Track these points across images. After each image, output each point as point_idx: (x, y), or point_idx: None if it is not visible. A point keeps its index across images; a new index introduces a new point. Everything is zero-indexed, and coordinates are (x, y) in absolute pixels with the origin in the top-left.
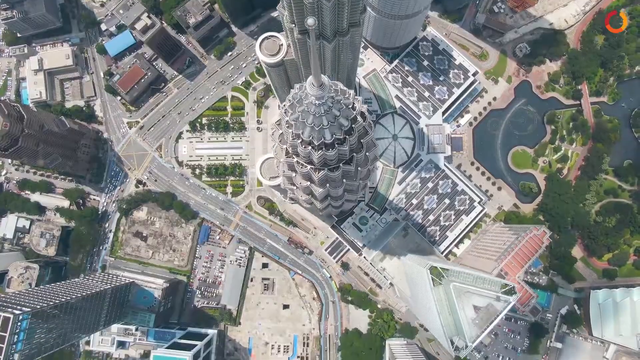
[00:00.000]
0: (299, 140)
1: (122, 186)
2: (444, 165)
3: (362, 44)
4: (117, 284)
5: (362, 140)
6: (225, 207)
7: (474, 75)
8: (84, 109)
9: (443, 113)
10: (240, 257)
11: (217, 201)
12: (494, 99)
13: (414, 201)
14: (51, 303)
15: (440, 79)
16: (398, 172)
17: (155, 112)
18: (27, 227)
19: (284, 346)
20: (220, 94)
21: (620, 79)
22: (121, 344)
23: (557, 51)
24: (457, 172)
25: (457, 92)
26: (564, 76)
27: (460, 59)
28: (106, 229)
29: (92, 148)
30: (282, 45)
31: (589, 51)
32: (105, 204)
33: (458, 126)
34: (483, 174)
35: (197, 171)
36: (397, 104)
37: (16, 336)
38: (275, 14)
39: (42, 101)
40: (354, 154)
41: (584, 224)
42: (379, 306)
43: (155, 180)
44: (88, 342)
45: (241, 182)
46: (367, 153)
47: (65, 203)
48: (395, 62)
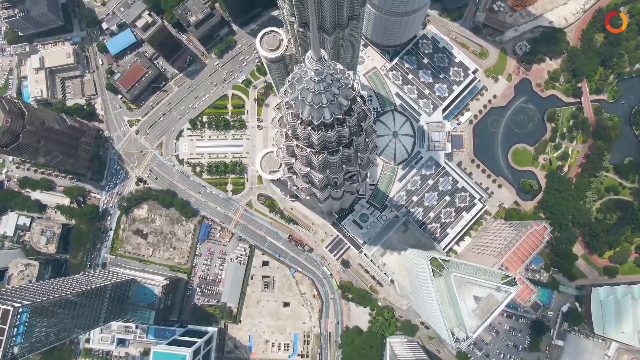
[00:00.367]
0: (298, 121)
1: (122, 184)
2: (445, 162)
3: (363, 42)
4: (117, 280)
5: (361, 124)
6: (226, 205)
7: (474, 72)
8: (84, 107)
9: (443, 110)
10: (241, 254)
11: (218, 199)
12: (494, 96)
13: (415, 198)
14: (51, 297)
15: (441, 76)
16: (398, 169)
17: (156, 110)
18: (28, 224)
19: (284, 344)
20: (221, 92)
21: (620, 76)
22: (121, 342)
23: (557, 49)
24: (458, 170)
25: (457, 89)
26: (564, 74)
27: (460, 56)
28: (107, 226)
29: (93, 146)
30: (282, 40)
31: (589, 49)
32: (105, 201)
33: (458, 124)
34: (483, 171)
35: (198, 169)
36: (398, 102)
37: (16, 329)
38: (276, 12)
39: (43, 99)
40: (354, 137)
41: (584, 222)
42: (380, 304)
43: (156, 178)
44: (88, 340)
45: (242, 180)
46: (366, 139)
47: (65, 201)
48: (395, 60)
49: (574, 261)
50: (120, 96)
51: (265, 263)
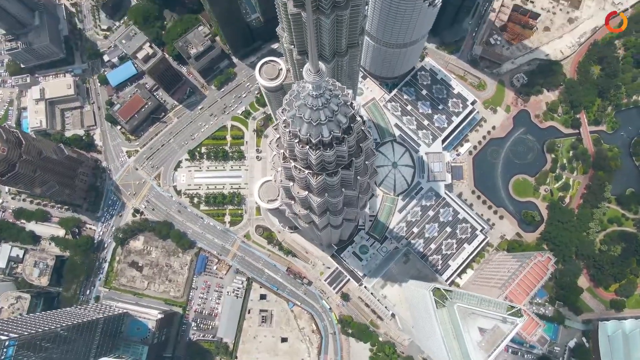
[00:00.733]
0: (296, 140)
1: (119, 215)
2: (445, 193)
3: (361, 74)
4: (110, 314)
5: (361, 145)
6: (223, 237)
7: (472, 104)
8: (83, 137)
9: (443, 141)
10: (238, 287)
11: (215, 230)
12: (493, 127)
13: (415, 229)
14: (40, 331)
15: (439, 107)
16: (398, 200)
17: (154, 141)
18: (21, 256)
19: None
20: (220, 123)
21: (618, 108)
22: None
23: (554, 81)
24: (458, 201)
25: (456, 120)
26: (562, 105)
27: (458, 88)
28: (101, 258)
29: (90, 176)
30: (281, 69)
31: (586, 81)
32: (101, 233)
33: (458, 155)
34: (484, 202)
35: (196, 200)
36: (397, 132)
37: None
38: (276, 45)
39: (41, 130)
40: (353, 158)
41: (588, 253)
42: (381, 339)
43: (153, 210)
44: None
45: (240, 211)
46: (366, 161)
47: (60, 232)
48: (394, 92)
49: (579, 294)
50: (119, 127)
51: (263, 296)
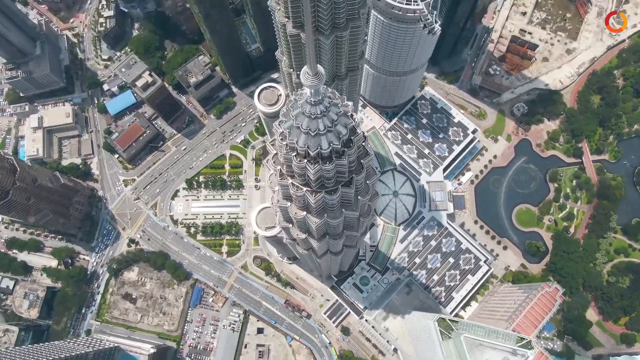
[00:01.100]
0: (293, 153)
1: (113, 245)
2: (447, 222)
3: (361, 103)
4: (100, 348)
5: (362, 161)
6: (220, 268)
7: (473, 132)
8: (80, 166)
9: (444, 170)
10: (234, 321)
11: (212, 261)
12: (495, 157)
13: (417, 260)
14: None
15: (440, 136)
16: (399, 230)
17: (152, 170)
18: (11, 287)
19: None
20: (219, 152)
21: (619, 137)
22: None
23: (555, 110)
24: (461, 231)
25: (457, 149)
26: (563, 134)
27: (459, 117)
28: (94, 290)
29: (86, 205)
30: (280, 95)
31: (586, 110)
32: (94, 263)
33: (459, 184)
34: (487, 232)
35: (192, 230)
36: (397, 161)
37: None
38: (275, 75)
39: (38, 158)
40: (354, 175)
41: (596, 285)
42: None
43: (149, 240)
44: None
45: (237, 242)
46: (367, 181)
47: (53, 263)
48: (394, 120)
49: (589, 328)
50: (117, 156)
51: (260, 330)
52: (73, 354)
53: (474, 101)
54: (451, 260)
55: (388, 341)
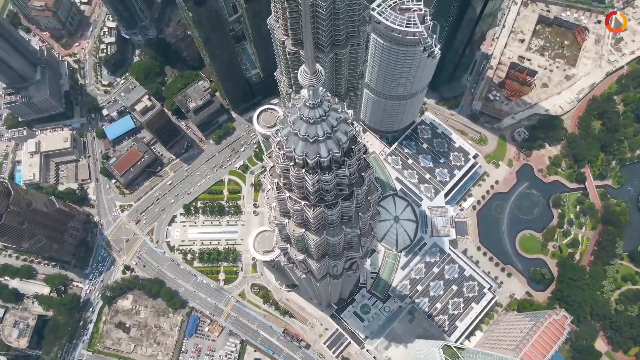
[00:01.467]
0: (291, 163)
1: (108, 272)
2: (449, 249)
3: (361, 128)
4: None
5: (362, 174)
6: (217, 296)
7: (474, 157)
8: (76, 191)
9: (445, 195)
10: (231, 351)
11: (208, 289)
12: (496, 182)
13: (419, 287)
14: None
15: (441, 161)
16: (401, 257)
17: (149, 196)
18: (1, 315)
19: None
20: (217, 177)
21: (622, 162)
22: None
23: (556, 135)
24: (464, 257)
25: (458, 174)
26: (565, 160)
27: (459, 142)
28: (86, 319)
29: (81, 231)
30: (279, 117)
31: (588, 135)
32: (88, 291)
33: (461, 209)
34: (491, 259)
35: (189, 256)
36: (398, 186)
37: None
38: (275, 100)
39: (34, 183)
40: (355, 189)
41: (604, 314)
42: None
43: (144, 266)
44: None
45: (235, 269)
46: (368, 196)
47: (45, 290)
48: (394, 145)
49: (598, 359)
50: (114, 181)
51: None
52: None
53: (475, 126)
54: (454, 287)
55: None
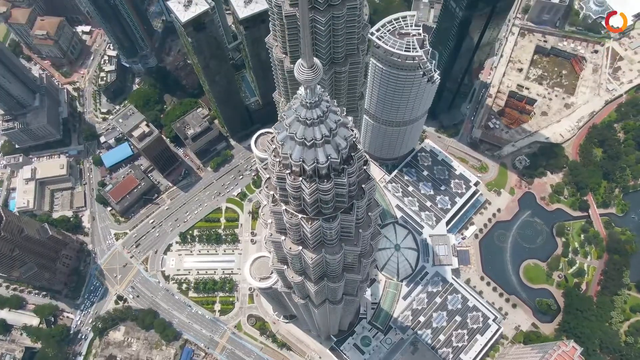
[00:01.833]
0: (287, 171)
1: (100, 302)
2: (452, 278)
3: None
4: None
5: (363, 186)
6: (212, 327)
7: (475, 185)
8: (70, 219)
9: (447, 223)
10: None
11: (204, 320)
12: (498, 210)
13: (422, 318)
14: None
15: (442, 188)
16: (402, 286)
17: (145, 224)
18: None
19: None
20: (215, 205)
21: (625, 190)
22: None
23: (557, 163)
24: (467, 287)
25: (459, 201)
26: (568, 187)
27: (460, 169)
28: (76, 352)
29: (74, 260)
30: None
31: (589, 163)
32: (79, 322)
33: (463, 238)
34: (495, 289)
35: (184, 286)
36: (399, 214)
37: None
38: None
39: (28, 210)
40: (354, 201)
41: (614, 346)
42: None
43: (138, 296)
44: None
45: (231, 299)
46: (369, 213)
47: (35, 321)
48: (394, 172)
49: None
50: (109, 208)
51: None
52: None
53: (475, 154)
54: (458, 318)
55: None
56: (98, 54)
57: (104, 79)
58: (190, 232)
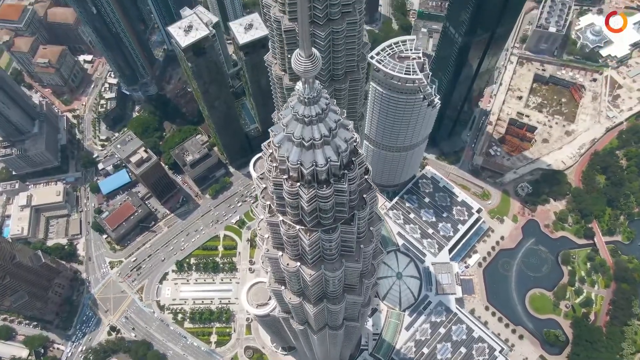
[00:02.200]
0: (284, 176)
1: (93, 333)
2: (456, 308)
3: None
4: None
5: (364, 196)
6: None
7: (478, 212)
8: (65, 247)
9: (449, 251)
10: None
11: (199, 352)
12: (502, 238)
13: (425, 350)
14: None
15: (444, 215)
16: (405, 316)
17: (141, 252)
18: None
19: None
20: (213, 233)
21: (630, 217)
22: None
23: (560, 190)
24: (472, 317)
25: (462, 228)
26: (572, 215)
27: (462, 196)
28: None
29: (67, 289)
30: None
31: (593, 190)
32: (69, 354)
33: (467, 267)
34: (500, 320)
35: (180, 316)
36: (400, 242)
37: None
38: None
39: (22, 237)
40: (355, 212)
41: None
42: None
43: (132, 328)
44: None
45: (228, 330)
46: (370, 227)
47: (24, 353)
48: (395, 199)
49: None
50: (105, 236)
51: None
52: None
53: (477, 181)
54: (463, 350)
55: None
56: (99, 82)
57: (104, 106)
58: (187, 260)
